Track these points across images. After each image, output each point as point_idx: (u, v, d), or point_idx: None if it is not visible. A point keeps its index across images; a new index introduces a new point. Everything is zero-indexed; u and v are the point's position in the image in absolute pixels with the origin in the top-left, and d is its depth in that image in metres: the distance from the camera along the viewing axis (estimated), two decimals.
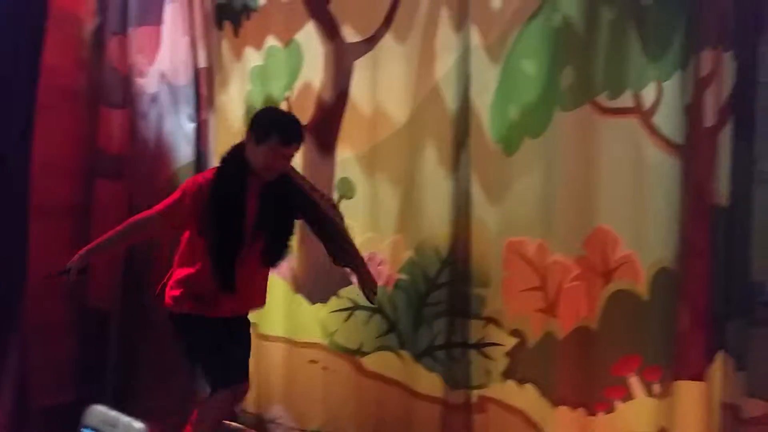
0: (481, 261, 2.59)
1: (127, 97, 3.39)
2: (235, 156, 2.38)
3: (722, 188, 2.22)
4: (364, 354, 2.86)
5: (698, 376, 2.24)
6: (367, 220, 2.82)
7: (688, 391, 2.25)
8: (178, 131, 3.31)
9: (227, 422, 2.80)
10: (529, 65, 2.48)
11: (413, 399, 2.74)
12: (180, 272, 2.43)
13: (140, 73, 3.39)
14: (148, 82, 3.37)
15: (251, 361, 2.54)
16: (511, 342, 2.55)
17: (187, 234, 2.45)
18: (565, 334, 2.40)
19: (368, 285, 2.47)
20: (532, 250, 2.49)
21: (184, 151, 3.29)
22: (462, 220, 2.62)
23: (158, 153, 3.35)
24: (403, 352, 2.77)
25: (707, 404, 2.23)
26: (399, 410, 2.77)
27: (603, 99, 2.37)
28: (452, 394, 2.66)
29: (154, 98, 3.36)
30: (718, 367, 2.23)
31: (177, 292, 2.41)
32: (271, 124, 2.35)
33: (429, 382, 2.71)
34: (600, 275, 2.37)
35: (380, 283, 2.69)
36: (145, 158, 3.37)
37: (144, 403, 3.12)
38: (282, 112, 2.61)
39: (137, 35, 3.37)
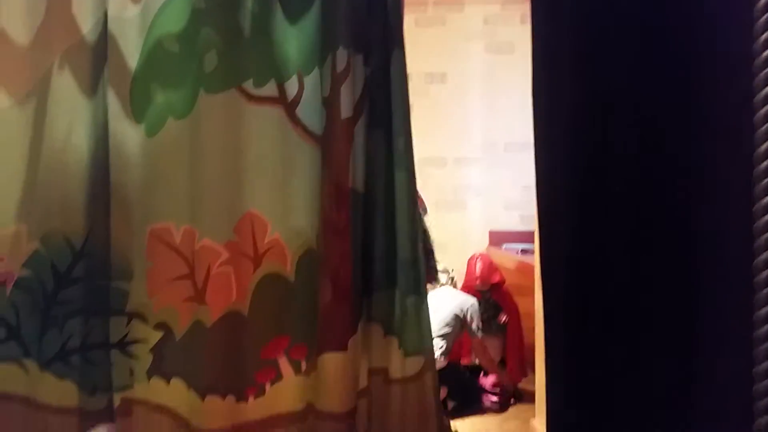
0: (122, 251, 2.38)
1: None
2: None
3: (359, 175, 2.43)
4: None
5: (342, 347, 2.39)
6: None
7: (332, 363, 2.38)
8: None
9: None
10: (172, 43, 2.35)
11: (43, 413, 2.38)
12: None
13: None
14: None
15: None
16: (156, 336, 2.39)
17: None
18: (214, 320, 2.36)
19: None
20: (179, 236, 2.37)
21: None
22: (100, 205, 2.36)
23: None
24: (28, 361, 2.40)
25: (351, 372, 2.40)
26: (25, 429, 2.38)
27: (249, 86, 2.38)
28: (90, 401, 2.39)
29: None
30: (360, 336, 2.42)
31: None
32: None
33: (61, 391, 2.38)
34: (250, 260, 2.37)
35: None
36: None
37: None
38: None
39: None
